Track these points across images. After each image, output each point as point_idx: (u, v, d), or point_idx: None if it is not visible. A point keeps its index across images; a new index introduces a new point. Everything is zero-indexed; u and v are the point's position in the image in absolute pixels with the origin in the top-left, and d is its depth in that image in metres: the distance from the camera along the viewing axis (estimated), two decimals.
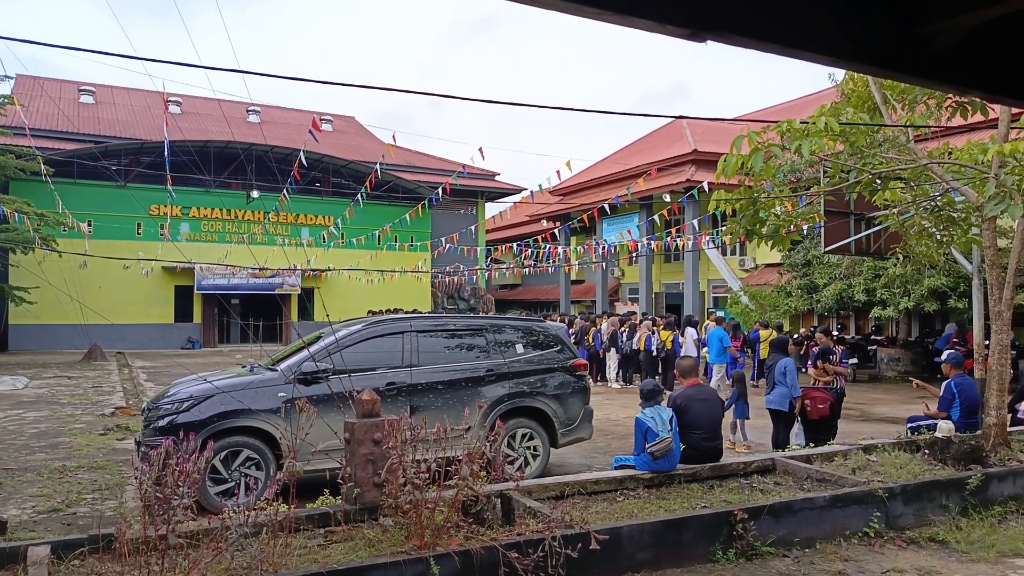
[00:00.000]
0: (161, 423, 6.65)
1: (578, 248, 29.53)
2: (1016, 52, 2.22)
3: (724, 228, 8.63)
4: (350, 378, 6.66)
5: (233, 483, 6.63)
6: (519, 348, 8.29)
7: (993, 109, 7.73)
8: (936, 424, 8.04)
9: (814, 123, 6.34)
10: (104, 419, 11.83)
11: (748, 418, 10.07)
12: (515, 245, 26.05)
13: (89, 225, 26.66)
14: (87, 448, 9.48)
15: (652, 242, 23.01)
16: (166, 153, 15.09)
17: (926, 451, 7.00)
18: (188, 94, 33.67)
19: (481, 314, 26.27)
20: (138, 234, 29.35)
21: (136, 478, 4.09)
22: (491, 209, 41.58)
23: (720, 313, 20.39)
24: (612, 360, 18.11)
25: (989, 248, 7.65)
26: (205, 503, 6.20)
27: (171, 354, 26.49)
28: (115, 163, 28.62)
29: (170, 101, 34.68)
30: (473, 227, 29.82)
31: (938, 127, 8.51)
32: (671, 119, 22.43)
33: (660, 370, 16.59)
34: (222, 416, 6.67)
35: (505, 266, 35.12)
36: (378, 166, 16.37)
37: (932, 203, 8.31)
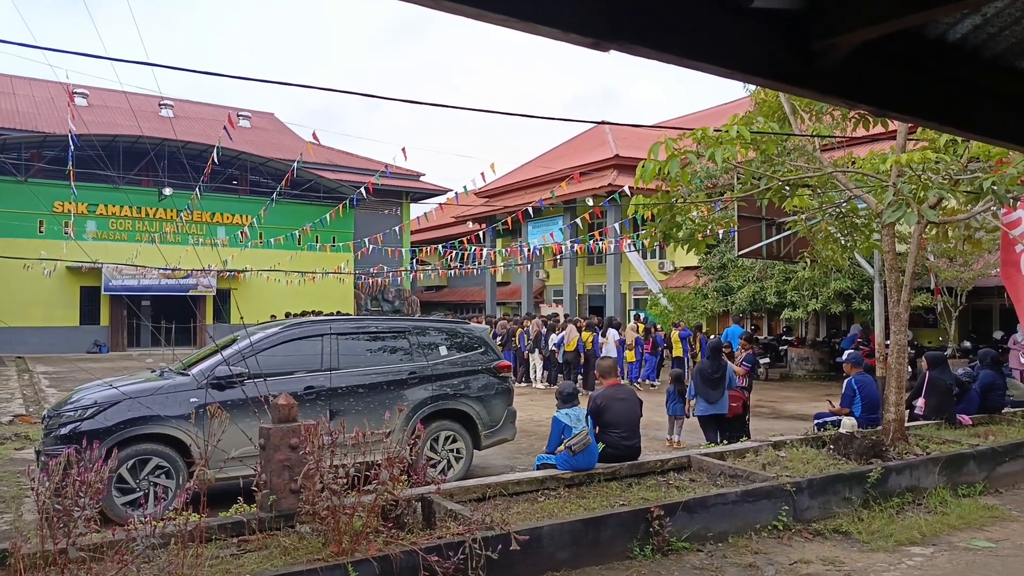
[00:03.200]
0: (63, 431, 6.32)
1: (503, 250, 29.66)
2: (896, 70, 2.37)
3: (643, 232, 8.82)
4: (266, 382, 6.48)
5: (141, 492, 6.37)
6: (443, 350, 8.26)
7: (892, 122, 8.17)
8: (841, 420, 8.44)
9: (727, 131, 6.56)
10: (1, 427, 11.16)
11: (688, 416, 9.95)
12: (440, 246, 25.94)
13: None
14: None
15: (575, 245, 23.31)
16: (70, 147, 14.34)
17: (831, 446, 7.33)
18: (95, 86, 32.13)
19: (405, 316, 26.05)
20: (40, 232, 27.75)
21: (34, 489, 3.87)
22: (416, 210, 41.18)
23: (642, 315, 20.87)
24: (536, 361, 18.26)
25: (888, 253, 8.07)
26: (111, 514, 5.93)
27: (76, 358, 25.19)
28: (14, 157, 27.03)
29: (75, 93, 32.96)
30: (397, 228, 29.49)
31: (843, 137, 8.94)
32: (594, 124, 22.67)
33: (582, 371, 16.83)
34: (129, 423, 6.39)
35: (430, 268, 34.94)
36: (296, 164, 16.01)
37: (837, 210, 8.72)
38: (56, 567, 3.69)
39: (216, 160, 12.77)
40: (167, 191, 29.06)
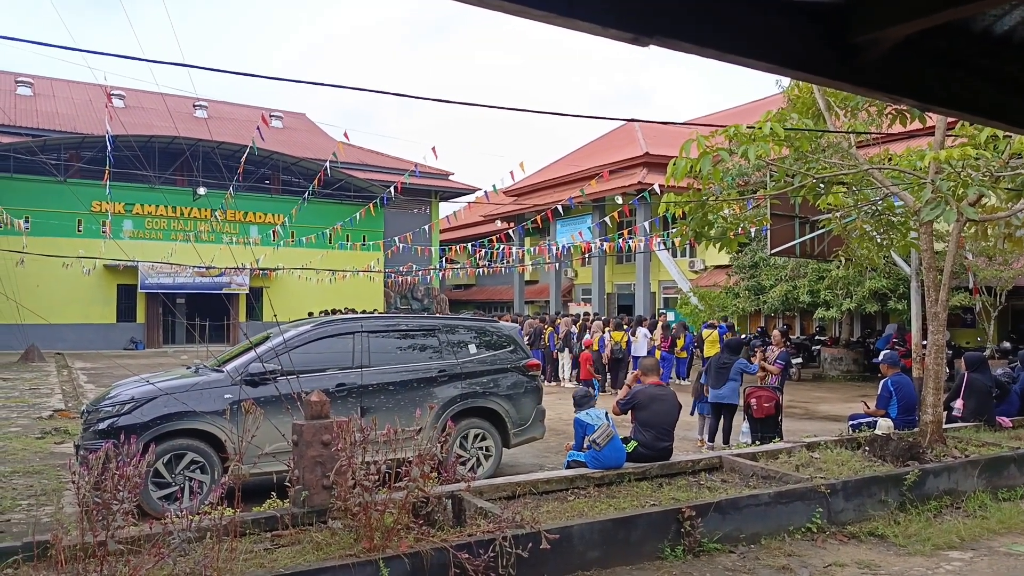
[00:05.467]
0: (101, 426, 6.45)
1: (532, 249, 29.64)
2: (944, 63, 2.31)
3: (674, 230, 8.75)
4: (299, 379, 6.56)
5: (177, 487, 6.46)
6: (472, 348, 8.27)
7: (930, 117, 8.01)
8: (876, 422, 8.30)
9: (760, 128, 6.47)
10: (41, 422, 11.43)
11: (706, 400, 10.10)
12: (469, 245, 26.03)
13: (26, 221, 25.73)
14: (23, 452, 9.14)
15: (604, 243, 23.21)
16: (107, 148, 14.63)
17: (866, 448, 7.22)
18: (132, 87, 32.76)
19: (434, 314, 26.16)
20: (78, 231, 28.43)
21: (74, 483, 3.96)
22: (445, 209, 41.30)
23: (670, 314, 20.72)
24: (565, 360, 18.23)
25: (926, 251, 7.92)
26: (147, 508, 6.03)
27: (113, 355, 25.70)
28: (54, 157, 27.66)
29: (113, 94, 33.60)
30: (427, 227, 29.63)
31: (879, 133, 8.78)
32: (624, 122, 22.60)
33: (609, 370, 16.76)
34: (165, 418, 6.50)
35: (459, 266, 35.06)
36: (328, 164, 16.16)
37: (873, 207, 8.57)
38: (96, 559, 3.76)
39: (249, 160, 12.92)
40: (201, 191, 29.53)
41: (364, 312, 22.39)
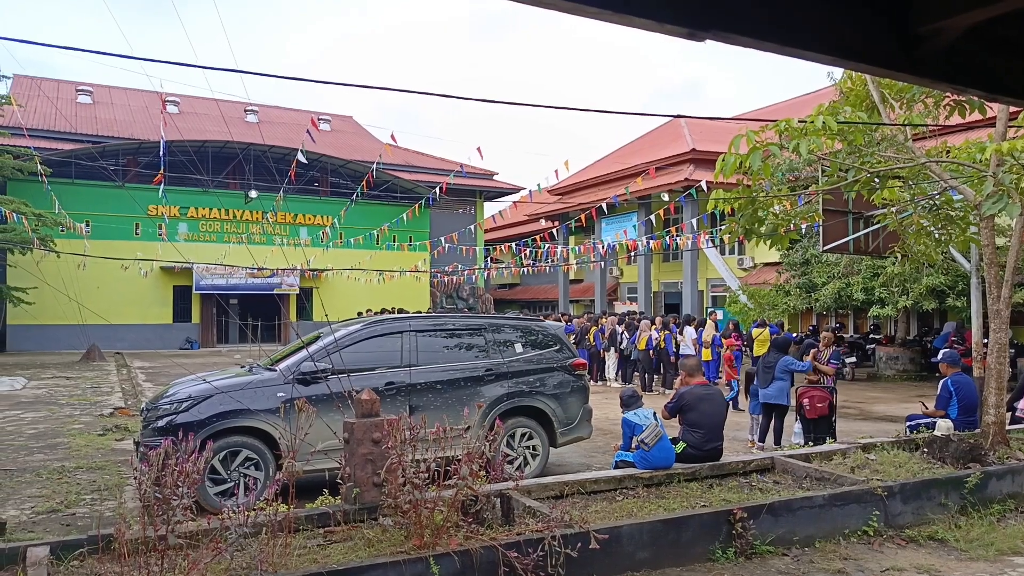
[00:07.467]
0: (160, 423, 6.64)
1: (577, 247, 29.55)
2: (1011, 51, 2.22)
3: (723, 227, 8.63)
4: (349, 378, 6.65)
5: (232, 483, 6.62)
6: (518, 347, 8.29)
7: (991, 108, 7.72)
8: (935, 423, 8.06)
9: (812, 122, 6.34)
10: (103, 419, 11.82)
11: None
12: (514, 244, 26.07)
13: (87, 225, 26.65)
14: (86, 449, 9.47)
15: (651, 241, 23.00)
16: (162, 153, 15.06)
17: (925, 450, 7.01)
18: (186, 94, 33.65)
19: (480, 314, 26.27)
20: (136, 234, 29.32)
21: (135, 478, 4.09)
22: (490, 208, 41.55)
23: (719, 312, 20.42)
24: (611, 360, 18.12)
25: (987, 247, 7.66)
26: (204, 503, 6.20)
27: (169, 354, 26.46)
28: (113, 163, 28.57)
29: (168, 101, 34.59)
30: (472, 227, 29.76)
31: (936, 126, 8.52)
32: (670, 118, 22.26)
33: (660, 370, 16.60)
34: (221, 416, 6.66)
35: (504, 266, 35.14)
36: (375, 165, 16.36)
37: (930, 202, 8.31)
38: (156, 552, 3.88)
39: (299, 163, 13.16)
40: (253, 193, 30.19)
41: (407, 311, 22.61)
